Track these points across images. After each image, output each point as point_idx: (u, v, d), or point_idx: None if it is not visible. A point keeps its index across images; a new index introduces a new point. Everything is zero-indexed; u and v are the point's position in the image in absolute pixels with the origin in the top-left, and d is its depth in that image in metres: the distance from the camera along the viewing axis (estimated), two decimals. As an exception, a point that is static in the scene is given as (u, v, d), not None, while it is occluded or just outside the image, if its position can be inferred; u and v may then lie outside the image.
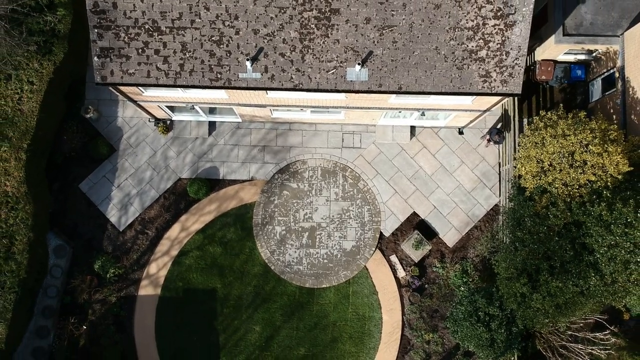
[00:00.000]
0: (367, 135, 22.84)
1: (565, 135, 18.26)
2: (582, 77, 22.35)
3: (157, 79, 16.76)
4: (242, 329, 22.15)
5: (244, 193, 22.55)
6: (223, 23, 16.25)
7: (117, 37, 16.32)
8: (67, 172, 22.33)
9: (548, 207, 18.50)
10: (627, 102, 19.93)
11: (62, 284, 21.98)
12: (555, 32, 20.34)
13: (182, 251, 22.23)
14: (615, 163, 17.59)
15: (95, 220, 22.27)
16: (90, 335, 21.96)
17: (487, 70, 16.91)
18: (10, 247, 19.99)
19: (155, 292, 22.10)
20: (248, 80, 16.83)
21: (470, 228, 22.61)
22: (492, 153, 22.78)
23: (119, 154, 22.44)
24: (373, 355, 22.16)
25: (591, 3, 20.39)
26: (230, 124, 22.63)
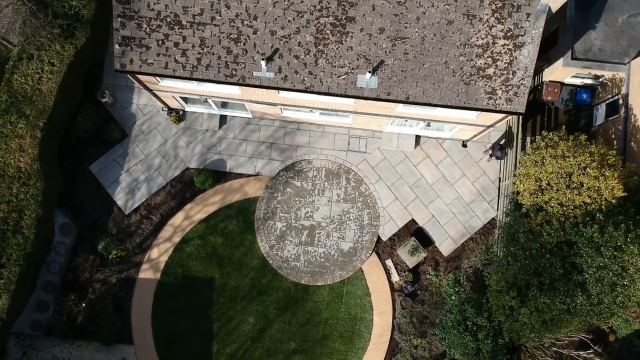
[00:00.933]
0: (372, 140, 23.39)
1: (564, 157, 18.77)
2: (588, 101, 22.83)
3: (175, 70, 17.35)
4: (236, 319, 22.73)
5: (249, 187, 23.13)
6: (242, 22, 16.83)
7: (139, 27, 16.93)
8: (79, 152, 22.96)
9: (542, 225, 19.01)
10: (628, 128, 20.41)
11: (65, 261, 22.61)
12: (564, 55, 20.83)
13: (184, 239, 22.83)
14: (611, 187, 18.08)
15: (102, 201, 22.90)
16: (89, 313, 22.57)
17: (493, 88, 17.44)
18: (19, 221, 20.62)
19: (154, 277, 22.71)
20: (262, 79, 17.40)
21: (466, 239, 23.13)
22: (493, 168, 23.30)
23: (130, 139, 23.06)
24: (361, 355, 22.70)
25: (601, 30, 20.88)
26: (240, 119, 23.23)
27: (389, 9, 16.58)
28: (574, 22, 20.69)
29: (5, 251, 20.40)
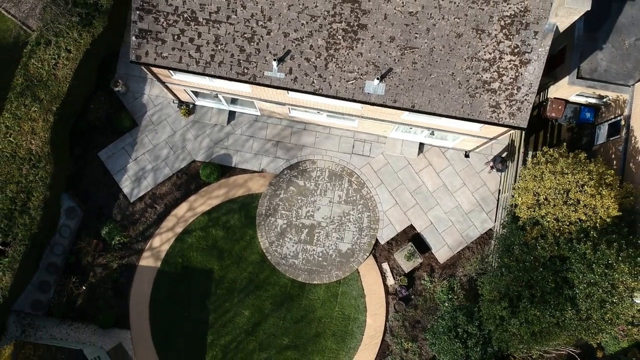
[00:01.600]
0: (377, 145, 23.81)
1: (563, 173, 19.15)
2: (591, 119, 23.19)
3: (188, 65, 17.81)
4: (232, 312, 23.17)
5: (253, 183, 23.58)
6: (257, 22, 17.28)
7: (156, 21, 17.39)
8: (89, 139, 23.45)
9: (537, 239, 19.39)
10: (628, 149, 20.77)
11: (69, 244, 23.10)
12: (570, 73, 21.19)
13: (186, 229, 23.29)
14: (607, 207, 18.46)
15: (108, 188, 23.38)
16: (88, 297, 23.05)
17: (497, 102, 17.84)
18: (26, 202, 21.10)
19: (155, 265, 23.18)
20: (272, 78, 17.85)
21: (462, 248, 23.53)
22: (494, 180, 23.69)
23: (140, 129, 23.54)
24: (352, 355, 23.12)
25: (608, 51, 21.25)
26: (249, 116, 23.68)
27: (400, 19, 17.00)
28: (581, 42, 21.05)
29: (11, 230, 20.89)
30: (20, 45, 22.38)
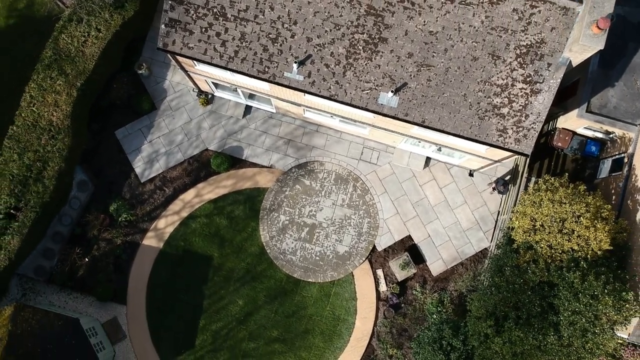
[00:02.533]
0: (385, 154, 24.42)
1: (562, 203, 19.69)
2: (595, 153, 23.70)
3: (212, 58, 18.48)
4: (226, 299, 23.84)
5: (261, 177, 24.24)
6: (282, 24, 17.93)
7: (186, 12, 18.07)
8: (108, 117, 24.18)
9: (529, 263, 19.95)
10: (628, 186, 21.27)
11: (77, 216, 23.84)
12: (580, 106, 21.71)
13: (192, 215, 23.98)
14: (599, 240, 18.99)
15: (121, 166, 24.10)
16: (90, 269, 23.77)
17: (505, 127, 18.42)
18: (42, 171, 21.83)
19: (157, 245, 23.88)
20: (291, 80, 18.50)
21: (456, 263, 24.10)
22: (494, 201, 24.25)
23: (158, 112, 24.25)
24: (337, 355, 23.74)
25: (619, 89, 21.76)
26: (264, 112, 24.34)
27: (420, 37, 17.61)
28: (594, 77, 21.57)
29: (24, 196, 21.63)
30: (53, 20, 23.13)
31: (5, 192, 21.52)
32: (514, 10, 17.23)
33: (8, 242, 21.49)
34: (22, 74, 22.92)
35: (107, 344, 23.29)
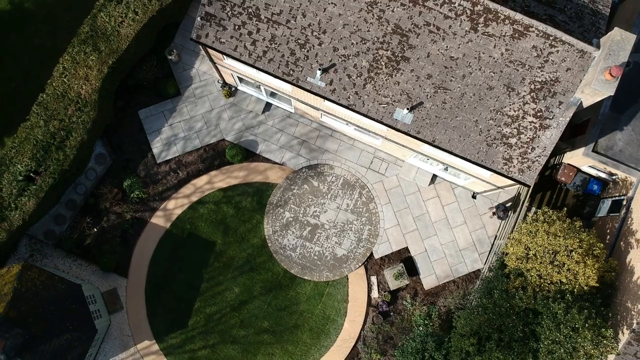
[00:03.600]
0: (393, 166, 25.22)
1: (556, 236, 20.41)
2: (597, 192, 24.37)
3: (241, 54, 19.34)
4: (223, 285, 24.71)
5: (271, 173, 25.10)
6: (312, 32, 18.77)
7: (223, 9, 18.94)
8: (133, 96, 25.10)
9: (518, 289, 20.71)
10: (623, 228, 21.96)
11: (92, 187, 24.77)
12: (587, 145, 22.41)
13: (201, 200, 24.87)
14: (588, 276, 19.71)
15: (140, 145, 25.02)
16: (97, 239, 24.69)
17: (511, 156, 19.18)
18: (64, 140, 22.76)
19: (164, 225, 24.79)
20: (313, 85, 19.33)
21: (448, 280, 24.86)
22: (493, 225, 24.99)
23: (182, 98, 25.14)
24: (323, 353, 24.56)
25: (627, 134, 22.44)
26: (283, 111, 25.19)
27: (441, 60, 18.40)
28: (604, 119, 22.26)
29: (45, 162, 22.57)
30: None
31: (28, 156, 22.46)
32: (533, 47, 17.99)
33: (24, 203, 22.44)
34: (60, 45, 23.82)
35: (105, 312, 24.21)
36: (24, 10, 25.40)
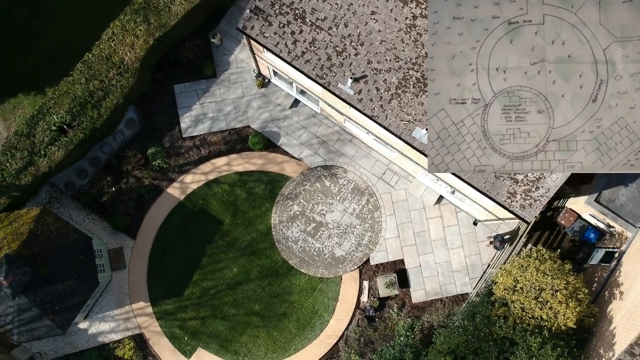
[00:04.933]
0: (403, 181, 26.28)
1: (545, 274, 21.40)
2: (593, 241, 25.27)
3: (281, 51, 20.50)
4: (223, 263, 25.90)
5: (288, 166, 26.25)
6: (350, 42, 19.88)
7: (272, 6, 20.10)
8: (171, 70, 26.34)
9: (500, 317, 21.70)
10: (610, 279, 22.88)
11: (117, 149, 26.03)
12: (590, 194, 23.37)
13: (217, 179, 26.07)
14: (567, 317, 20.69)
15: (169, 117, 26.27)
16: (113, 198, 25.93)
17: (515, 191, 20.19)
18: (101, 100, 24.03)
19: (178, 196, 26.02)
20: (342, 91, 20.44)
21: (436, 298, 25.89)
22: (488, 253, 25.99)
23: (216, 81, 26.36)
24: (305, 344, 25.67)
25: (631, 191, 23.35)
26: (309, 110, 26.34)
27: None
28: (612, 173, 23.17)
29: (79, 117, 23.86)
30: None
31: (64, 109, 23.76)
32: (554, 93, 18.97)
33: (53, 152, 23.74)
34: (112, 10, 25.05)
35: (108, 268, 25.49)
36: (85, -29, 26.70)
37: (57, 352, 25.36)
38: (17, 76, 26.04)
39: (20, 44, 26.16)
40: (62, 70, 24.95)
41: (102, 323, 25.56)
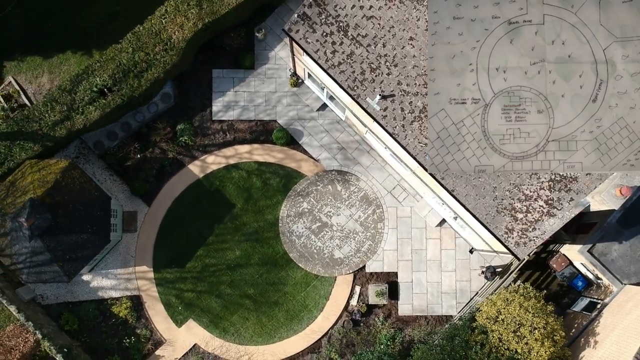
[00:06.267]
0: (411, 199, 27.47)
1: (527, 311, 22.53)
2: (579, 289, 26.33)
3: (319, 58, 21.75)
4: (227, 244, 27.22)
5: (305, 164, 27.53)
6: (385, 62, 21.12)
7: (319, 15, 21.37)
8: (213, 54, 27.66)
9: (477, 344, 22.87)
10: (588, 328, 23.94)
11: (149, 119, 27.40)
12: (584, 244, 24.41)
13: (236, 165, 27.40)
14: (540, 355, 21.80)
15: (203, 99, 27.63)
16: (137, 164, 27.26)
17: (513, 228, 21.33)
18: (143, 71, 25.39)
19: (197, 174, 27.38)
20: (369, 105, 21.67)
21: (421, 315, 27.05)
22: (478, 282, 27.11)
23: (253, 72, 27.68)
24: (290, 335, 26.93)
25: (624, 248, 24.35)
26: (335, 115, 27.60)
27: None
28: (609, 228, 24.17)
29: (120, 84, 25.26)
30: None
31: (108, 73, 25.18)
32: (566, 144, 20.11)
33: (90, 111, 25.17)
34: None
35: (120, 229, 26.89)
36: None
37: (57, 298, 26.80)
38: (69, 35, 27.50)
39: (77, 5, 27.59)
40: (111, 37, 26.38)
41: (105, 279, 26.98)
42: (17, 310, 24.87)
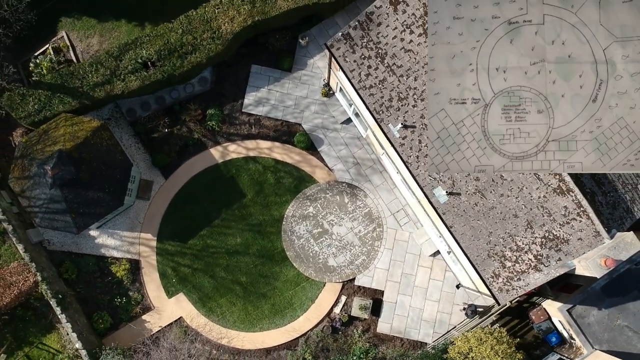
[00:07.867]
0: (411, 225, 28.61)
1: (497, 354, 23.61)
2: (552, 344, 27.29)
3: (353, 77, 22.97)
4: (230, 230, 28.52)
5: (319, 171, 28.77)
6: (413, 94, 22.30)
7: (361, 38, 22.60)
8: (255, 50, 29.01)
9: (444, 374, 24.02)
10: (551, 382, 24.98)
11: (183, 98, 28.78)
12: (566, 303, 25.41)
13: (255, 158, 28.71)
14: (501, 398, 22.92)
15: (237, 90, 28.96)
16: (163, 138, 28.66)
17: (499, 274, 22.42)
18: (188, 54, 26.75)
19: (217, 159, 28.72)
20: (390, 131, 22.86)
21: (398, 336, 28.17)
22: (458, 317, 28.17)
23: (289, 75, 28.96)
24: (271, 328, 28.16)
25: (601, 316, 25.32)
26: (357, 131, 28.81)
27: (490, 172, 21.72)
28: (591, 294, 25.15)
29: (164, 60, 26.64)
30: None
31: (155, 48, 26.59)
32: (565, 207, 21.19)
33: (131, 80, 26.59)
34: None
35: (134, 195, 28.29)
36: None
37: (62, 246, 28.26)
38: (127, 4, 28.96)
39: (139, -22, 29.09)
40: (165, 16, 27.82)
41: (110, 238, 28.39)
42: (23, 250, 26.34)
